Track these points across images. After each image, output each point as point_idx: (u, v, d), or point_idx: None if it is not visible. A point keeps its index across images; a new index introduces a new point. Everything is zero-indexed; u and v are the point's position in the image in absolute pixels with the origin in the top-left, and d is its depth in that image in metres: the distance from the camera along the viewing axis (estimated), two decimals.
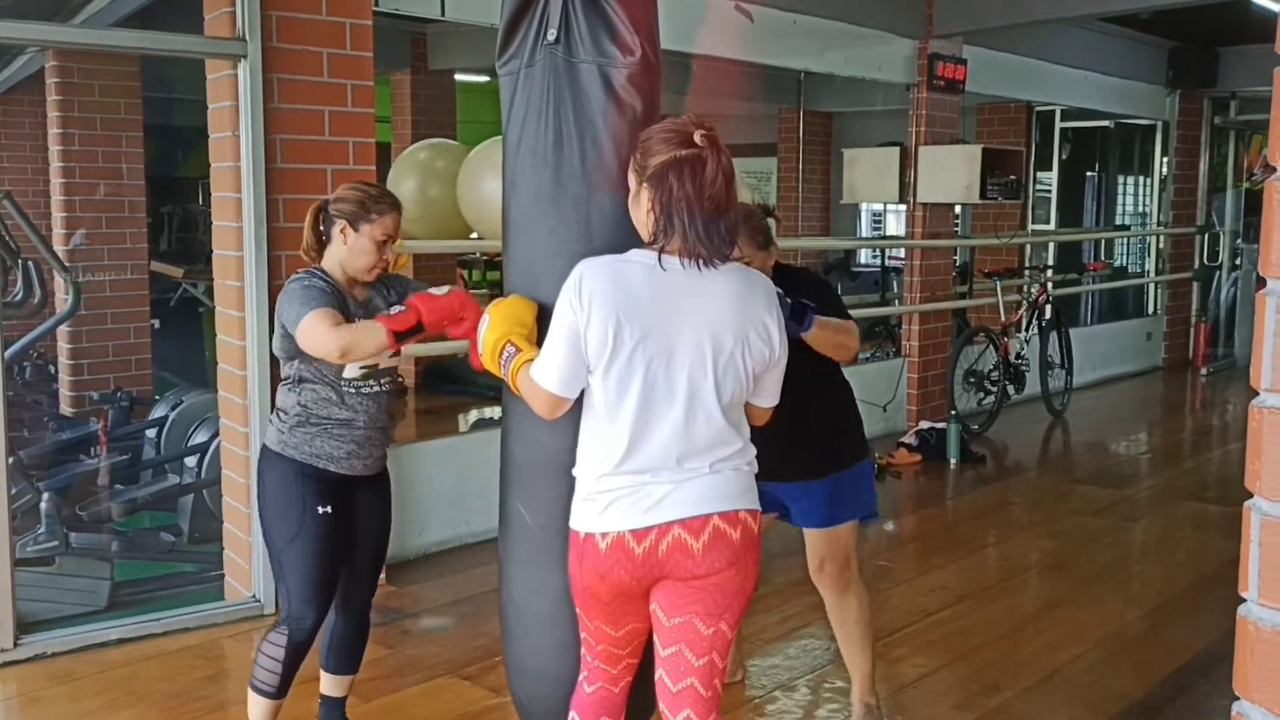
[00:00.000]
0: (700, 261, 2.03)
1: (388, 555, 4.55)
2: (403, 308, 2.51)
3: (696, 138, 2.01)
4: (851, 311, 3.01)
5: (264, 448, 2.84)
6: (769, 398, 2.21)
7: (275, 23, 3.99)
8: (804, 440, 2.95)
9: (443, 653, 3.89)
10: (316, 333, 2.57)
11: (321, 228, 2.81)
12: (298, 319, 2.60)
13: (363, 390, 2.78)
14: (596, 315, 2.01)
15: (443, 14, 4.91)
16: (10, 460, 3.86)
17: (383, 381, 2.83)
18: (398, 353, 2.69)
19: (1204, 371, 10.25)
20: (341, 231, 2.75)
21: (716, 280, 2.07)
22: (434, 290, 2.49)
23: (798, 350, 2.26)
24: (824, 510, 3.11)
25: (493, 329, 2.19)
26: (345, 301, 2.73)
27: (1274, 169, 1.05)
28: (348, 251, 2.75)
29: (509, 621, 2.41)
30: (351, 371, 2.75)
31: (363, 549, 2.94)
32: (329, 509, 2.76)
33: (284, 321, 2.68)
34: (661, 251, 2.04)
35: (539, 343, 2.13)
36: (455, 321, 2.43)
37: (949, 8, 7.16)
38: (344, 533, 2.84)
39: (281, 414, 2.81)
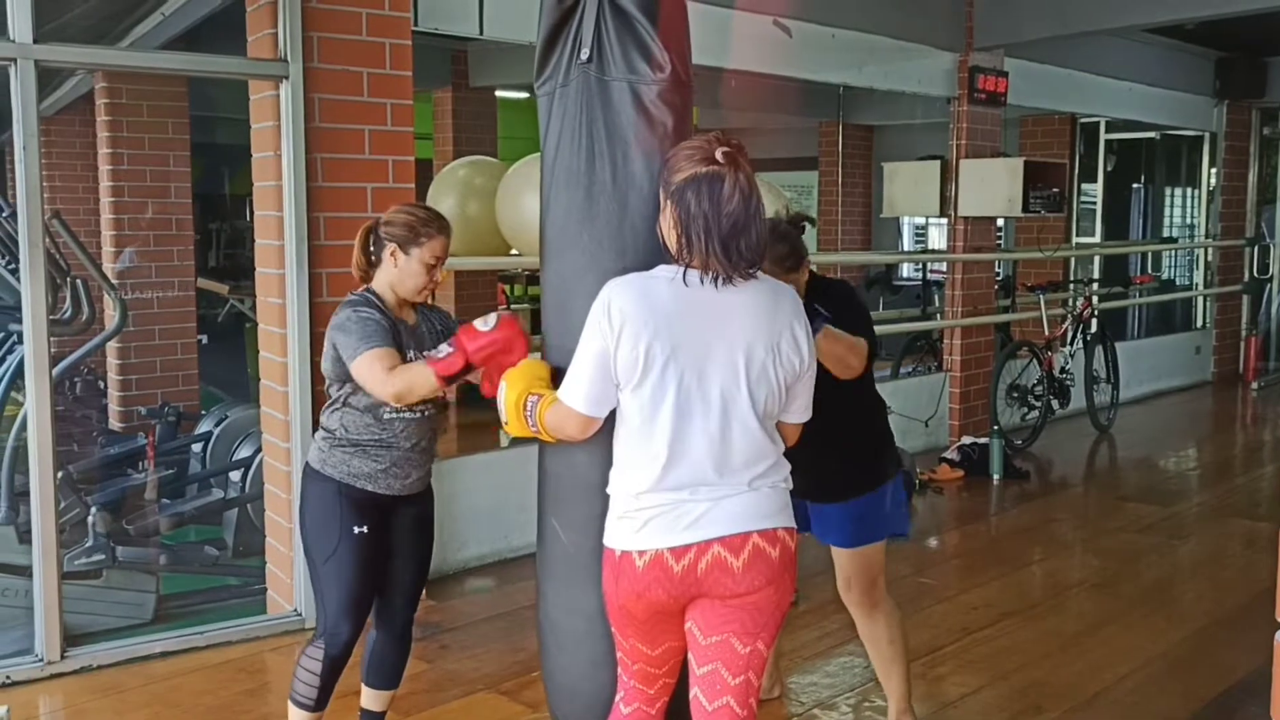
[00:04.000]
0: (718, 278, 2.03)
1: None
2: (451, 349, 2.50)
3: (717, 155, 2.02)
4: (893, 326, 3.00)
5: (307, 465, 2.89)
6: (799, 413, 2.20)
7: (316, 43, 4.05)
8: (832, 461, 2.91)
9: (481, 668, 3.90)
10: (373, 375, 2.61)
11: (371, 249, 2.85)
12: (355, 353, 2.64)
13: (404, 415, 2.81)
14: (627, 335, 2.01)
15: (481, 32, 4.96)
16: (59, 475, 3.93)
17: (426, 407, 2.85)
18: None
19: (1255, 386, 10.06)
20: (392, 255, 2.79)
21: (743, 293, 2.07)
22: (478, 323, 2.47)
23: (825, 371, 2.24)
24: (851, 531, 3.09)
25: (512, 388, 2.22)
26: (398, 329, 2.77)
27: None
28: (398, 274, 2.79)
29: (545, 639, 2.41)
30: None
31: (402, 567, 2.96)
32: (365, 528, 2.80)
33: (338, 347, 2.71)
34: (686, 267, 2.05)
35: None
36: (505, 353, 2.43)
37: (989, 20, 7.11)
38: (381, 551, 2.87)
39: (324, 433, 2.86)
